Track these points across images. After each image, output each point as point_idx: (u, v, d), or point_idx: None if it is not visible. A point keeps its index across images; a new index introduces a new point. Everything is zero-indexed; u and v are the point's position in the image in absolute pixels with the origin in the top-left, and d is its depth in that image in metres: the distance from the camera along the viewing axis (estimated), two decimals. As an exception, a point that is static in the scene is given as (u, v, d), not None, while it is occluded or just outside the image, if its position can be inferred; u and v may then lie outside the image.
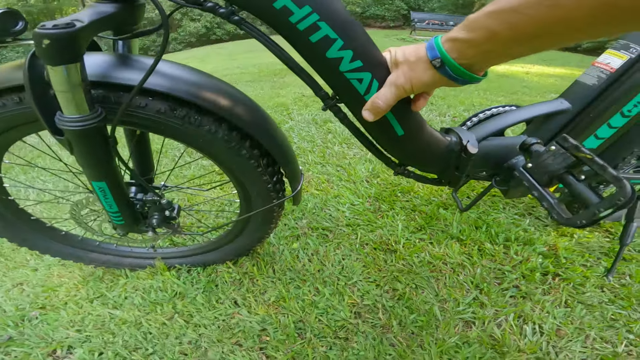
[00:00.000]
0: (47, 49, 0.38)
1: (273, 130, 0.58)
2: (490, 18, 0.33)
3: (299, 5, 0.39)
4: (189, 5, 0.42)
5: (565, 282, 0.79)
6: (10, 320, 0.77)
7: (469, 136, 0.58)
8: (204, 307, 0.77)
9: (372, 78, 0.44)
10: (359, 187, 1.17)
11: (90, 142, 0.48)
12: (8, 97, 0.48)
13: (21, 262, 0.94)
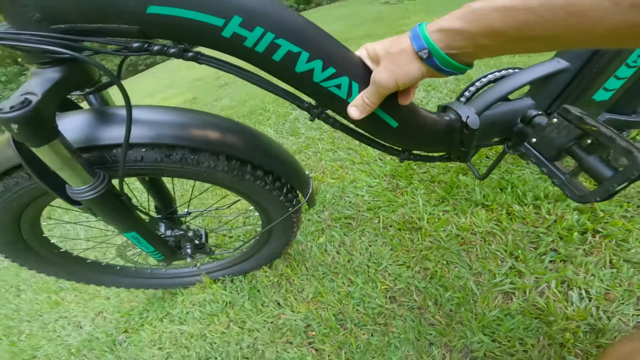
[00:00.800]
0: (20, 134, 0.36)
1: (268, 149, 0.55)
2: (497, 12, 0.29)
3: (250, 29, 0.35)
4: (135, 53, 0.38)
5: (606, 239, 0.69)
6: (105, 346, 0.86)
7: (467, 111, 0.52)
8: (253, 312, 0.79)
9: (349, 81, 0.40)
10: (374, 167, 1.10)
11: (106, 204, 0.48)
12: (17, 174, 0.47)
13: (94, 293, 1.03)
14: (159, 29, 0.35)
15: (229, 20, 0.34)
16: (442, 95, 1.51)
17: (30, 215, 0.57)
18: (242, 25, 0.35)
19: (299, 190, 0.63)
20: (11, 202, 0.51)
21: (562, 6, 0.25)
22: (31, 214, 0.57)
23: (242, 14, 0.34)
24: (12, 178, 0.47)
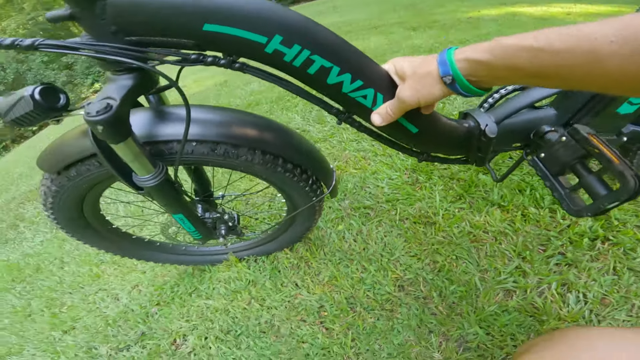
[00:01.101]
0: (103, 133, 0.45)
1: (299, 145, 0.65)
2: (524, 51, 0.32)
3: (289, 46, 0.41)
4: (191, 64, 0.45)
5: (615, 247, 0.74)
6: (139, 318, 0.99)
7: (486, 119, 0.57)
8: (272, 291, 0.91)
9: (375, 92, 0.46)
10: (395, 160, 1.17)
11: (163, 190, 0.59)
12: (89, 162, 0.57)
13: (132, 267, 1.18)
14: (212, 44, 0.42)
15: (271, 39, 0.41)
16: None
17: (93, 196, 0.70)
18: (282, 43, 0.41)
19: (323, 182, 0.71)
20: (81, 184, 0.62)
21: (585, 52, 0.28)
22: (93, 195, 0.69)
23: (282, 33, 0.41)
24: (84, 165, 0.58)
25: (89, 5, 0.39)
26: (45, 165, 0.61)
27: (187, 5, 0.39)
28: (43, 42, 0.40)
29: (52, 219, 0.71)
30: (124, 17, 0.40)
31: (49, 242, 1.53)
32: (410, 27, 3.63)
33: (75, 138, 0.56)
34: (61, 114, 0.49)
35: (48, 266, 1.37)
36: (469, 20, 3.58)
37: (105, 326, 1.01)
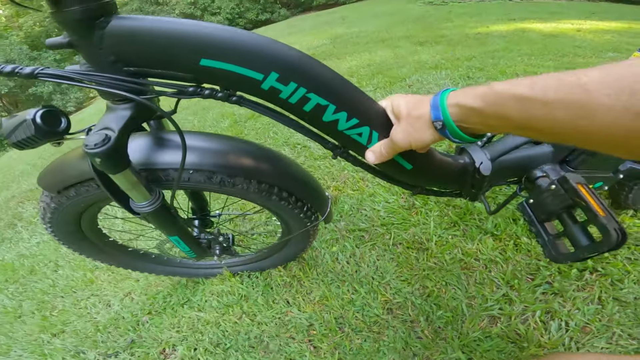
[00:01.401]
0: (102, 165, 0.47)
1: (294, 174, 0.69)
2: (514, 100, 0.32)
3: (285, 83, 0.43)
4: (188, 97, 0.47)
5: (603, 277, 0.79)
6: (130, 325, 1.03)
7: (482, 156, 0.61)
8: (264, 307, 0.96)
9: (370, 130, 0.48)
10: (393, 184, 1.24)
11: (159, 215, 0.62)
12: (88, 184, 0.60)
13: (125, 275, 1.24)
14: (209, 78, 0.44)
15: (267, 76, 0.42)
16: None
17: (91, 212, 0.74)
18: (279, 80, 0.43)
19: (318, 210, 0.76)
20: (79, 203, 0.66)
21: (577, 106, 0.27)
22: (92, 211, 0.74)
23: (279, 70, 0.42)
24: (83, 186, 0.61)
25: (86, 34, 0.40)
26: (45, 184, 0.64)
27: (183, 40, 0.41)
28: (42, 71, 0.43)
29: (50, 232, 0.75)
30: (121, 48, 0.42)
31: (45, 244, 1.60)
32: (417, 41, 3.78)
33: (75, 160, 0.59)
34: (62, 137, 0.50)
35: (42, 268, 1.43)
36: (477, 36, 3.72)
37: (95, 332, 1.06)
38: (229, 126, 2.32)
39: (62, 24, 0.40)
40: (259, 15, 13.85)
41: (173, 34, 0.41)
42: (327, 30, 6.36)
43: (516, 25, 4.21)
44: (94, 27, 0.40)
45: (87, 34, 0.40)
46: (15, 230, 1.85)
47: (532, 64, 2.31)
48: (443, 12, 6.37)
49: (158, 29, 0.41)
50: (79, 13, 0.39)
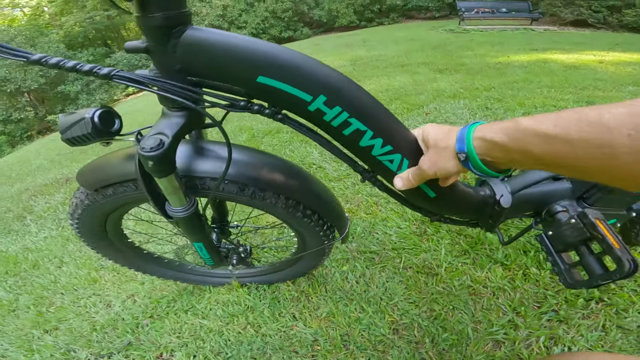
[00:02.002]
0: (152, 168, 0.53)
1: (320, 193, 0.77)
2: (538, 137, 0.35)
3: (330, 107, 0.49)
4: (239, 110, 0.53)
5: (608, 307, 0.89)
6: (129, 327, 1.10)
7: (502, 189, 0.68)
8: (270, 320, 1.04)
9: (402, 158, 0.54)
10: (407, 211, 1.35)
11: (191, 221, 0.69)
12: (127, 184, 0.67)
13: (131, 277, 1.33)
14: (261, 94, 0.50)
15: (315, 98, 0.48)
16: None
17: (119, 212, 0.82)
18: (325, 103, 0.48)
19: (338, 229, 0.84)
20: (112, 203, 0.73)
21: (599, 145, 0.30)
22: (120, 212, 0.82)
23: (327, 94, 0.48)
24: (122, 186, 0.67)
25: (163, 41, 0.46)
26: (84, 181, 0.71)
27: (247, 56, 0.46)
28: (117, 73, 0.47)
29: (75, 228, 0.82)
30: (190, 57, 0.47)
31: (53, 240, 1.71)
32: (436, 68, 4.00)
33: (118, 161, 0.66)
34: (112, 138, 0.56)
35: (46, 264, 1.53)
36: (497, 65, 3.91)
37: (91, 331, 1.13)
38: (246, 140, 2.48)
39: (143, 28, 0.46)
40: (282, 33, 14.71)
41: (238, 50, 0.46)
42: (347, 52, 6.72)
43: (538, 56, 4.42)
44: (170, 35, 0.46)
45: (163, 41, 0.46)
46: (23, 223, 1.96)
47: (551, 96, 2.46)
48: (464, 40, 6.74)
49: (226, 43, 0.46)
50: (161, 20, 0.44)
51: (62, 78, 11.41)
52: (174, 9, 0.44)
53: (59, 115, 0.55)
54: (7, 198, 2.59)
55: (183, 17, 0.46)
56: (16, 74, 10.21)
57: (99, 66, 0.47)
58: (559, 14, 10.13)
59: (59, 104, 11.51)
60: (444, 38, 7.34)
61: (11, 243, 1.78)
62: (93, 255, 1.49)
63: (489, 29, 8.94)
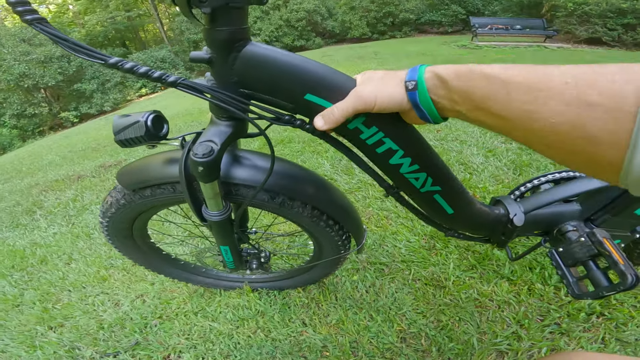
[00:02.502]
0: (201, 173, 0.59)
1: (343, 204, 0.83)
2: (483, 79, 0.37)
3: (368, 127, 0.55)
4: (283, 124, 0.58)
5: (609, 321, 0.99)
6: (137, 327, 1.17)
7: (516, 209, 0.77)
8: (280, 325, 1.13)
9: (427, 176, 0.62)
10: (416, 225, 1.46)
11: (223, 225, 0.77)
12: (165, 186, 0.73)
13: (141, 276, 1.41)
14: (305, 110, 0.55)
15: (355, 117, 0.53)
16: (501, 165, 1.88)
17: (149, 213, 0.90)
18: (364, 123, 0.54)
19: (355, 240, 0.91)
20: (147, 203, 0.79)
21: (536, 87, 0.32)
22: (150, 213, 0.89)
23: (366, 114, 0.52)
24: (160, 188, 0.74)
25: (225, 54, 0.51)
26: (124, 181, 0.76)
27: (298, 74, 0.51)
28: (183, 82, 0.53)
29: (104, 227, 0.89)
30: (247, 71, 0.52)
31: (62, 236, 1.80)
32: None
33: (161, 163, 0.72)
34: (159, 141, 0.62)
35: (55, 260, 1.61)
36: None
37: (98, 329, 1.20)
38: (257, 148, 2.59)
39: (210, 40, 0.51)
40: (295, 41, 15.36)
41: (291, 68, 0.51)
42: (359, 64, 6.94)
43: None
44: (232, 49, 0.51)
45: (226, 54, 0.51)
46: (32, 218, 2.06)
47: None
48: (477, 56, 7.01)
49: (281, 60, 0.51)
50: (227, 33, 0.49)
51: (79, 76, 11.89)
52: (238, 25, 0.49)
53: (114, 117, 0.61)
54: (17, 192, 2.71)
55: (245, 33, 0.51)
56: (35, 70, 10.74)
57: (167, 74, 0.52)
58: (574, 32, 10.41)
59: (73, 102, 12.01)
60: (456, 54, 7.60)
61: (19, 237, 1.87)
62: (103, 254, 1.58)
63: (502, 45, 9.23)
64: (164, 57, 14.07)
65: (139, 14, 20.33)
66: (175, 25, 15.31)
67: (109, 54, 0.49)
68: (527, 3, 12.49)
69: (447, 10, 14.31)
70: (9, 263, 1.66)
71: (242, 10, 0.49)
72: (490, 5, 14.42)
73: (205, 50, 0.53)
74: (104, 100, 12.10)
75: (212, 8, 0.46)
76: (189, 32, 14.29)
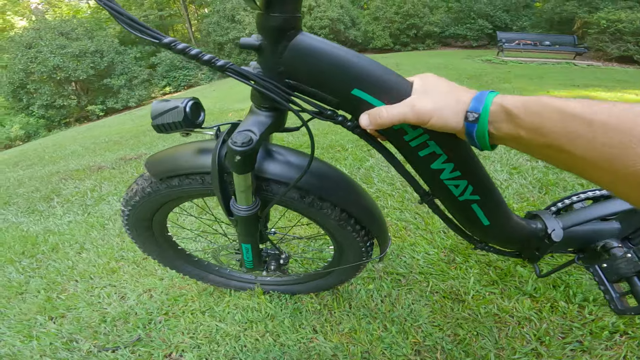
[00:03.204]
0: (237, 163, 0.58)
1: (372, 210, 0.83)
2: (557, 114, 0.36)
3: (413, 128, 0.54)
4: (325, 119, 0.59)
5: (631, 339, 0.98)
6: (141, 323, 1.19)
7: (554, 224, 0.77)
8: (289, 330, 1.13)
9: (467, 184, 0.61)
10: (436, 238, 1.46)
11: (249, 221, 0.76)
12: (194, 177, 0.73)
13: (150, 271, 1.44)
14: (350, 106, 0.56)
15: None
16: (526, 183, 1.86)
17: (172, 205, 0.90)
18: (410, 125, 0.52)
19: (380, 246, 0.91)
20: (172, 193, 0.79)
21: (621, 131, 0.31)
22: (173, 204, 0.90)
23: None
24: (188, 179, 0.74)
25: (275, 42, 0.52)
26: (153, 169, 0.77)
27: (347, 68, 0.51)
28: (231, 67, 0.54)
29: (125, 215, 0.90)
30: (295, 61, 0.53)
31: (77, 225, 1.85)
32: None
33: (191, 153, 0.73)
34: (194, 129, 0.63)
35: (66, 248, 1.66)
36: None
37: (100, 323, 1.22)
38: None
39: (262, 26, 0.51)
40: None
41: (341, 61, 0.52)
42: (380, 73, 6.94)
43: (578, 92, 4.57)
44: (283, 37, 0.51)
45: (276, 41, 0.52)
46: (49, 205, 2.13)
47: None
48: (501, 72, 6.94)
49: (331, 53, 0.52)
50: (281, 20, 0.49)
51: (109, 72, 12.49)
52: (292, 12, 0.50)
53: (153, 102, 0.62)
54: (37, 178, 2.82)
55: (297, 21, 0.51)
56: (69, 64, 11.37)
57: (216, 58, 0.53)
58: (605, 49, 10.37)
59: (101, 96, 12.61)
60: (480, 68, 7.60)
61: (33, 223, 1.93)
62: (115, 245, 1.62)
63: (529, 61, 9.21)
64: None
65: (170, 13, 21.59)
66: (203, 26, 15.87)
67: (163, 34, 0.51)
68: (558, 19, 12.47)
69: (474, 24, 14.42)
70: (20, 249, 1.70)
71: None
72: (519, 20, 14.44)
73: (256, 37, 0.54)
74: (130, 96, 12.67)
75: None
76: (215, 34, 14.78)
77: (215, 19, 15.00)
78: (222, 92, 8.82)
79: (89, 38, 12.37)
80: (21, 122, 13.03)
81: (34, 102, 11.75)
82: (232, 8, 14.44)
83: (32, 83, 11.47)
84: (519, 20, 14.45)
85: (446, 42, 15.61)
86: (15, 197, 2.49)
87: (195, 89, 12.61)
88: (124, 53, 13.47)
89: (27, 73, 11.31)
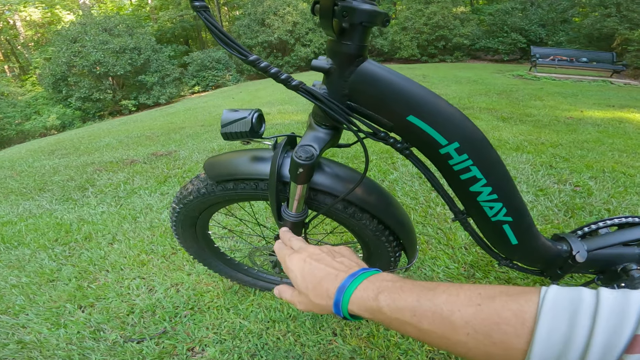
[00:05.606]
0: (299, 175, 0.63)
1: (406, 223, 0.87)
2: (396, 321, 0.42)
3: (459, 153, 0.59)
4: (377, 140, 0.63)
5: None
6: (167, 316, 1.24)
7: (579, 247, 0.81)
8: (310, 331, 1.18)
9: (502, 207, 0.65)
10: (457, 253, 1.49)
11: (296, 227, 0.78)
12: (249, 182, 0.78)
13: (179, 266, 1.50)
14: (403, 130, 0.59)
15: (450, 143, 0.57)
16: (551, 205, 1.88)
17: (218, 207, 0.95)
18: (456, 150, 0.57)
19: (408, 257, 0.95)
20: (224, 196, 0.83)
21: (444, 337, 0.38)
22: (220, 207, 0.95)
23: (461, 142, 0.57)
24: (243, 183, 0.79)
25: (344, 67, 0.57)
26: (210, 171, 0.81)
27: (405, 96, 0.56)
28: (303, 87, 0.58)
29: (174, 213, 0.94)
30: (359, 85, 0.57)
31: (110, 216, 1.95)
32: (500, 116, 4.10)
33: (251, 160, 0.78)
34: (254, 139, 0.68)
35: (98, 238, 1.74)
36: (567, 120, 3.93)
37: (128, 314, 1.27)
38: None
39: (334, 51, 0.56)
40: None
41: (400, 89, 0.56)
42: (406, 86, 6.97)
43: (614, 113, 4.43)
44: (352, 63, 0.56)
45: (345, 67, 0.57)
46: (84, 194, 2.25)
47: (622, 162, 2.51)
48: (533, 88, 6.80)
49: (392, 81, 0.56)
50: (352, 48, 0.54)
51: (144, 69, 12.97)
52: (361, 42, 0.55)
53: (224, 110, 0.68)
54: (72, 167, 2.97)
55: (364, 50, 0.56)
56: (109, 59, 11.85)
57: (291, 77, 0.58)
58: (645, 68, 10.05)
59: (134, 91, 13.11)
60: (511, 84, 7.46)
61: (67, 211, 2.04)
62: (146, 238, 1.70)
63: (563, 78, 9.00)
64: (219, 57, 14.97)
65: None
66: (234, 29, 16.16)
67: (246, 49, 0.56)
68: (597, 35, 12.16)
69: (506, 37, 14.24)
70: (53, 236, 1.79)
71: (369, 30, 0.55)
72: (555, 35, 14.21)
73: (326, 61, 0.58)
74: (161, 93, 13.09)
75: (350, 23, 0.52)
76: (245, 36, 15.05)
77: (246, 22, 15.34)
78: (249, 94, 8.97)
79: (129, 35, 12.83)
80: (58, 113, 13.74)
81: (73, 94, 12.24)
82: (262, 12, 14.71)
83: (72, 76, 11.94)
84: (555, 35, 14.22)
85: (476, 55, 15.47)
86: (50, 184, 2.61)
87: (222, 89, 12.87)
88: (160, 51, 13.93)
89: (69, 66, 11.79)
